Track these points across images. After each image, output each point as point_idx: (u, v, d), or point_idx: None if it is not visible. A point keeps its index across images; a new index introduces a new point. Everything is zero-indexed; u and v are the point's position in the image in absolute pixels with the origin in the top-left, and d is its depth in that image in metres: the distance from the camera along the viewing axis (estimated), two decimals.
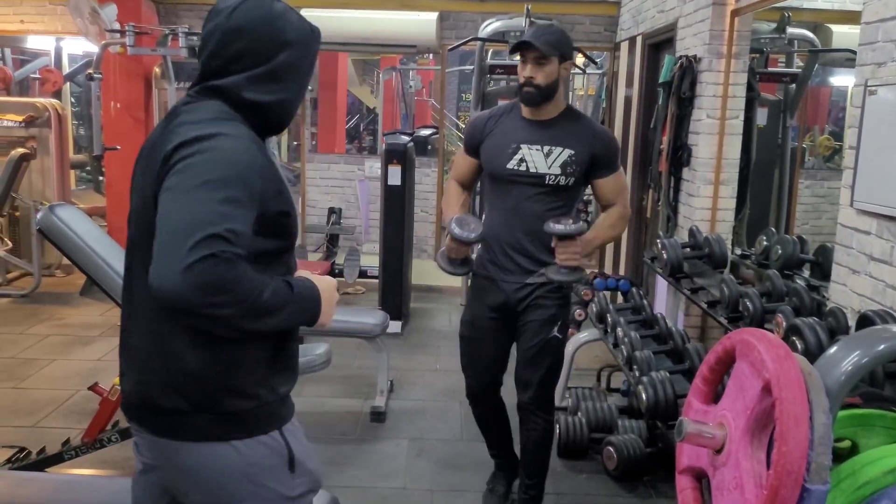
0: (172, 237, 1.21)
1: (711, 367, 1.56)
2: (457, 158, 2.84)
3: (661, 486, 3.19)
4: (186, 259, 1.18)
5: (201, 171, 1.26)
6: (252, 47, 1.41)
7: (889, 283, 2.26)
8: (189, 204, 1.23)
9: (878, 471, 1.31)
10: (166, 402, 1.38)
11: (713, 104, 3.85)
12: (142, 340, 1.42)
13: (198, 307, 1.21)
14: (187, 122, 1.36)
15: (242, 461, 1.39)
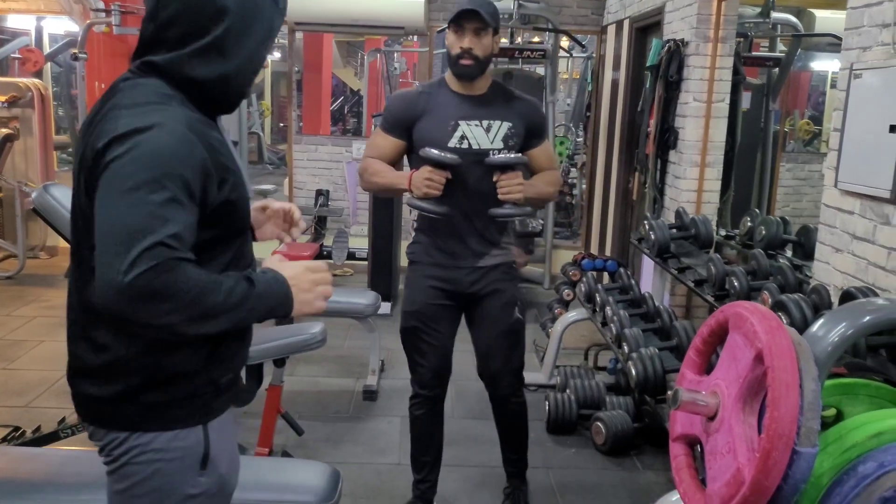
0: (111, 248, 1.17)
1: (705, 340, 1.62)
2: (376, 141, 2.56)
3: (647, 460, 3.28)
4: (127, 274, 1.15)
5: (135, 171, 1.20)
6: (186, 13, 1.31)
7: (871, 261, 2.34)
8: (126, 210, 1.18)
9: (863, 435, 1.38)
10: (91, 389, 1.36)
11: (700, 87, 3.92)
12: (76, 326, 1.39)
13: (142, 319, 1.19)
14: (123, 107, 1.28)
15: (156, 452, 1.35)
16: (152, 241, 1.16)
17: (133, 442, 1.34)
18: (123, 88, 1.32)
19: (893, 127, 2.20)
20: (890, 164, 2.21)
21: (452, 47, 2.44)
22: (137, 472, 1.35)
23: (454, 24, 2.43)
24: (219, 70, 1.35)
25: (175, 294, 1.18)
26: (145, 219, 1.18)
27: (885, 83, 2.26)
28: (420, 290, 2.61)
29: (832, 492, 1.36)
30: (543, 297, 5.65)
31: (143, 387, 1.34)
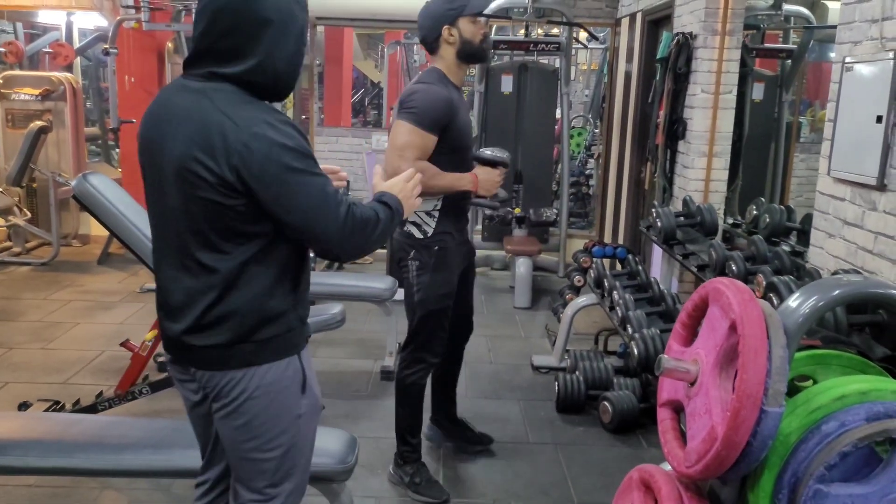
0: (317, 212, 1.57)
1: (689, 314, 1.76)
2: (420, 142, 2.58)
3: (653, 438, 3.42)
4: (337, 220, 1.58)
5: (289, 158, 1.53)
6: (237, 25, 1.53)
7: (861, 246, 2.47)
8: (304, 186, 1.55)
9: (828, 398, 1.52)
10: (210, 339, 1.61)
11: (708, 79, 4.03)
12: (176, 297, 1.64)
13: (363, 244, 1.66)
14: (227, 111, 1.52)
15: (269, 381, 1.64)
16: (337, 197, 1.60)
17: (250, 378, 1.63)
18: (209, 94, 1.55)
19: (880, 118, 2.32)
20: (877, 153, 2.33)
21: (474, 34, 2.65)
22: (257, 404, 1.64)
23: (477, 14, 2.65)
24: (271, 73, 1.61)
25: (366, 220, 1.65)
26: (319, 187, 1.58)
27: (874, 76, 2.38)
28: (453, 271, 2.84)
29: (799, 448, 1.50)
30: (557, 284, 5.79)
31: (255, 328, 1.62)
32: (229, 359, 1.63)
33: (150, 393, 3.27)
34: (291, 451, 1.72)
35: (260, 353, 1.63)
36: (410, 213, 1.86)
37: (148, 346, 3.24)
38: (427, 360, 2.87)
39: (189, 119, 1.55)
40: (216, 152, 1.51)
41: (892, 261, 2.28)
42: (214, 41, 1.56)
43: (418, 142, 2.58)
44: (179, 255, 1.62)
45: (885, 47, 2.32)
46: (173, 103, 1.60)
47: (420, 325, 2.82)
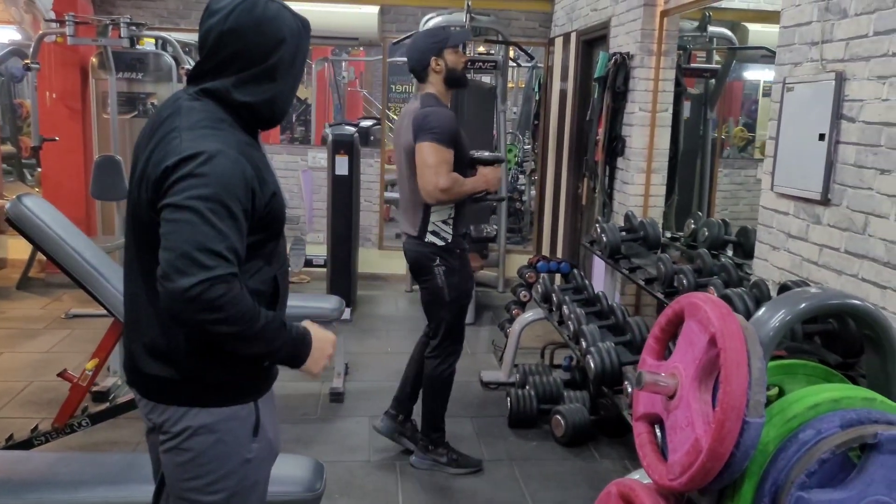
0: (175, 257, 1.36)
1: (662, 328, 1.80)
2: (445, 157, 2.89)
3: (604, 449, 3.47)
4: (184, 279, 1.34)
5: (200, 191, 1.38)
6: (247, 49, 1.49)
7: (805, 258, 2.58)
8: (191, 224, 1.37)
9: (802, 406, 1.57)
10: (155, 369, 1.53)
11: (645, 98, 4.15)
12: (136, 313, 1.57)
13: (198, 323, 1.38)
14: (183, 129, 1.46)
15: (217, 419, 1.53)
16: (213, 250, 1.36)
17: (195, 416, 1.52)
18: (181, 112, 1.49)
19: (822, 136, 2.44)
20: (820, 169, 2.44)
21: (457, 63, 3.02)
22: (201, 444, 1.52)
23: (459, 46, 3.05)
24: (269, 93, 1.54)
25: (231, 307, 1.38)
26: (208, 233, 1.37)
27: (815, 96, 2.49)
28: (465, 273, 3.16)
29: (778, 457, 1.54)
30: (498, 300, 5.83)
31: (209, 368, 1.52)
32: (174, 395, 1.53)
33: (90, 425, 3.11)
34: (235, 497, 1.58)
35: (209, 396, 1.53)
36: (307, 370, 1.60)
37: (88, 375, 3.09)
38: (458, 350, 3.22)
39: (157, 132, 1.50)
40: (152, 169, 1.45)
41: (837, 271, 2.39)
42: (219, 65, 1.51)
43: (447, 157, 2.90)
44: (139, 276, 1.56)
45: (825, 68, 2.44)
46: (157, 118, 1.55)
47: (452, 321, 3.12)
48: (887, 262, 2.17)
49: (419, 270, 3.12)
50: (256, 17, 1.49)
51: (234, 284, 1.39)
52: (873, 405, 1.59)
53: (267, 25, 1.50)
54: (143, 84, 6.17)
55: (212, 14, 1.51)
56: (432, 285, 3.08)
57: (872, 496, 1.47)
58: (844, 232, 2.36)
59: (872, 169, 2.23)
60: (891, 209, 2.15)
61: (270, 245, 1.59)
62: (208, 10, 1.52)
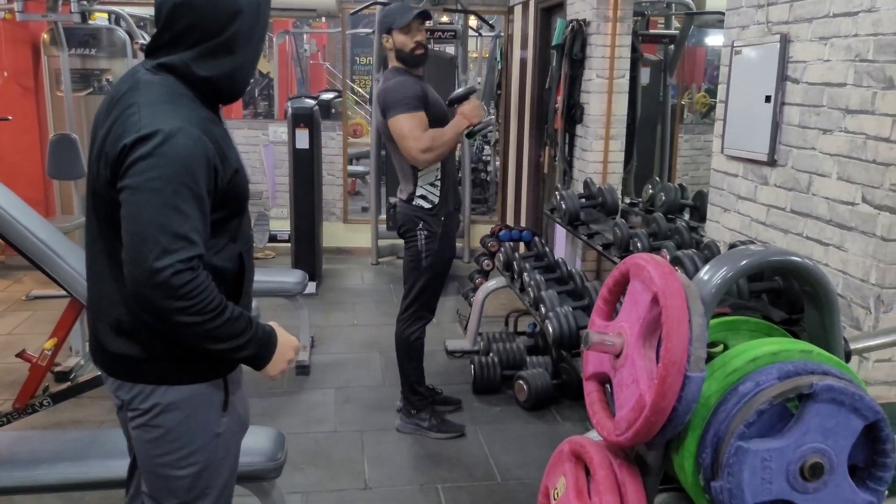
0: (140, 240, 1.34)
1: (610, 289, 1.84)
2: (418, 121, 2.96)
3: (566, 412, 3.54)
4: (155, 263, 1.32)
5: (161, 172, 1.35)
6: (202, 21, 1.44)
7: (754, 218, 2.63)
8: (153, 207, 1.34)
9: (743, 360, 1.62)
10: (121, 348, 1.52)
11: (602, 65, 4.18)
12: (100, 291, 1.56)
13: (163, 310, 1.35)
14: (142, 105, 1.42)
15: (185, 396, 1.53)
16: (177, 233, 1.34)
17: (163, 394, 1.51)
18: (142, 86, 1.45)
19: (769, 97, 2.48)
20: (766, 131, 2.49)
21: (410, 42, 3.04)
22: (171, 420, 1.52)
23: (407, 25, 3.02)
24: (228, 66, 1.50)
25: (197, 294, 1.36)
26: (171, 215, 1.34)
27: (761, 58, 2.54)
28: (448, 239, 3.22)
29: (718, 409, 1.60)
30: (463, 270, 5.87)
31: (176, 347, 1.47)
32: (142, 373, 1.52)
33: (52, 405, 3.10)
34: (207, 471, 1.59)
35: (177, 374, 1.52)
36: (267, 373, 1.59)
37: (47, 355, 3.07)
38: (427, 317, 3.27)
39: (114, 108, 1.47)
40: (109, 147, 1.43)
41: (783, 230, 2.45)
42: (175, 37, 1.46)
43: (418, 121, 2.95)
44: (102, 254, 1.54)
45: (770, 31, 2.48)
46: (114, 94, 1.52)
47: (424, 286, 3.18)
48: (829, 219, 2.23)
49: (404, 233, 3.20)
50: None
51: (201, 271, 1.38)
52: (810, 357, 1.64)
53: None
54: (97, 60, 6.04)
55: None
56: (413, 249, 3.16)
57: (809, 444, 1.53)
58: (790, 192, 2.42)
59: (815, 129, 2.29)
60: (833, 168, 2.21)
61: (234, 221, 1.57)
62: None
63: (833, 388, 1.51)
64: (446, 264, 3.27)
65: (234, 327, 1.43)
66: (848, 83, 2.14)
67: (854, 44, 2.12)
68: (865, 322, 2.09)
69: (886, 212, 2.02)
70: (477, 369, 3.71)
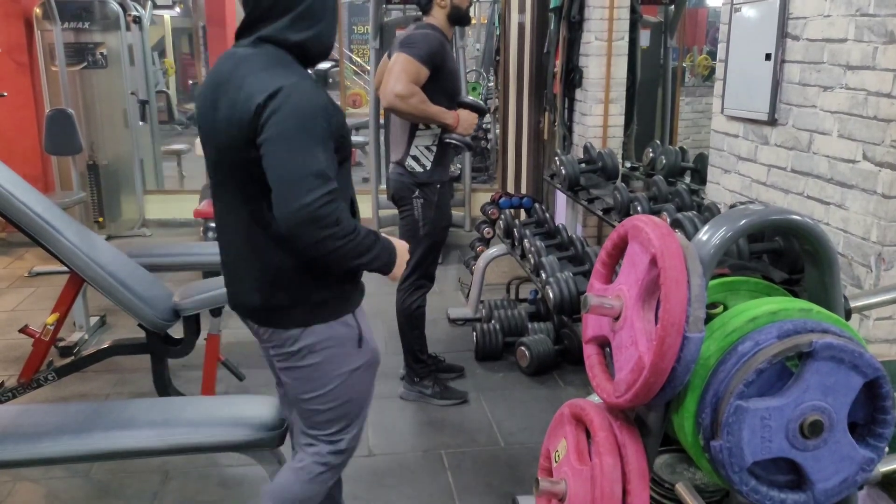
0: (288, 183, 1.56)
1: (609, 252, 1.83)
2: (413, 69, 2.89)
3: (568, 377, 3.56)
4: (303, 199, 1.54)
5: (295, 121, 1.58)
6: None
7: (754, 179, 2.61)
8: (293, 151, 1.57)
9: (742, 320, 1.62)
10: (267, 300, 1.75)
11: (601, 27, 4.12)
12: (243, 256, 1.77)
13: (316, 240, 1.58)
14: (260, 69, 1.63)
15: (326, 337, 1.78)
16: (317, 171, 1.57)
17: (309, 335, 1.76)
18: (248, 58, 1.67)
19: (769, 55, 2.45)
20: (766, 90, 2.46)
21: (461, 3, 3.05)
22: (314, 358, 1.78)
23: None
24: (316, 29, 1.71)
25: (338, 222, 1.59)
26: (309, 157, 1.57)
27: (761, 16, 2.49)
28: (446, 206, 3.24)
29: (718, 369, 1.59)
30: (465, 238, 5.86)
31: (313, 290, 1.75)
32: (290, 319, 1.75)
33: (56, 379, 3.11)
34: (349, 403, 1.86)
35: (316, 314, 1.76)
36: (393, 276, 1.83)
37: (50, 330, 3.08)
38: (427, 285, 3.27)
39: (231, 80, 1.66)
40: (241, 110, 1.61)
41: (784, 191, 2.43)
42: (265, 9, 1.67)
43: (413, 70, 2.88)
44: (236, 220, 1.74)
45: None
46: (221, 69, 1.72)
47: (423, 255, 3.17)
48: (830, 178, 2.21)
49: (399, 200, 3.18)
50: None
51: (339, 201, 1.60)
52: (809, 315, 1.63)
53: None
54: (91, 34, 5.98)
55: None
56: (409, 217, 3.16)
57: (809, 401, 1.53)
58: (790, 151, 2.39)
59: (816, 87, 2.25)
60: (833, 126, 2.18)
61: (345, 165, 1.79)
62: None
63: (832, 345, 1.50)
64: (443, 231, 3.27)
65: (367, 242, 1.68)
66: (849, 38, 2.11)
67: None
68: (866, 280, 2.08)
69: (887, 168, 2.00)
70: (479, 337, 3.72)
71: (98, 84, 6.08)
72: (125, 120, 6.19)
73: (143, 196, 6.45)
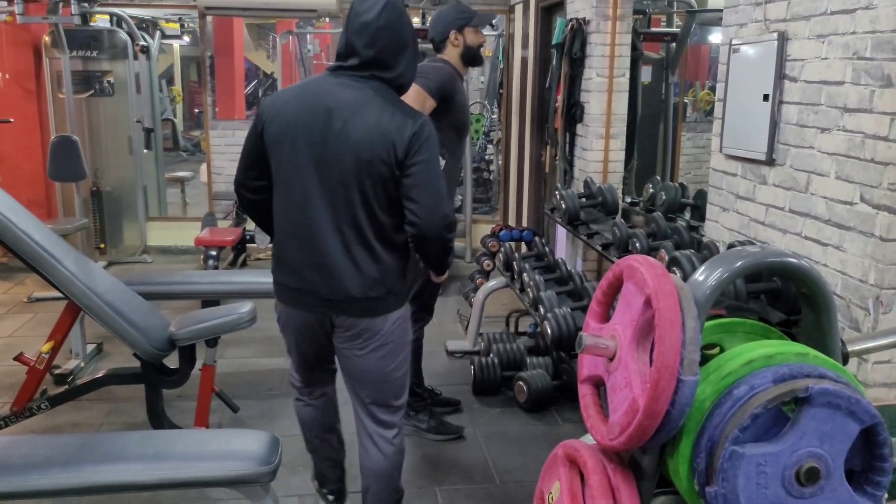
0: (438, 197, 2.06)
1: (604, 291, 1.82)
2: (423, 99, 2.86)
3: (567, 413, 3.52)
4: (447, 211, 2.10)
5: (435, 148, 2.08)
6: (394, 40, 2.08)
7: (752, 218, 2.61)
8: (437, 173, 2.08)
9: (737, 363, 1.60)
10: (370, 293, 2.15)
11: (602, 63, 4.15)
12: (341, 254, 2.12)
13: (447, 240, 2.15)
14: (396, 102, 2.11)
15: (401, 318, 2.26)
16: (446, 193, 2.12)
17: (390, 320, 2.21)
18: (377, 90, 2.09)
19: (767, 96, 2.46)
20: (765, 130, 2.46)
21: (475, 42, 3.13)
22: (394, 334, 2.24)
23: (479, 26, 3.15)
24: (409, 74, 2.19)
25: (455, 228, 2.17)
26: (442, 178, 2.10)
27: (759, 57, 2.51)
28: None
29: (713, 413, 1.57)
30: (465, 270, 5.85)
31: (396, 283, 2.20)
32: (384, 306, 2.18)
33: (50, 408, 3.09)
34: (406, 364, 2.33)
35: (400, 299, 2.24)
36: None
37: (45, 358, 3.06)
38: (425, 318, 3.29)
39: (364, 108, 2.06)
40: (394, 136, 2.02)
41: (782, 230, 2.43)
42: (378, 54, 2.07)
43: (419, 99, 2.88)
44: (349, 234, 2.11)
45: (768, 28, 2.46)
46: (337, 95, 2.08)
47: (422, 287, 3.17)
48: (828, 219, 2.20)
49: None
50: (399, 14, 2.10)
51: None
52: (806, 360, 1.62)
53: (403, 20, 2.12)
54: (99, 62, 6.05)
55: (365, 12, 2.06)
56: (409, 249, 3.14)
57: (805, 448, 1.50)
58: (788, 191, 2.39)
59: (814, 128, 2.26)
60: (831, 167, 2.18)
61: None
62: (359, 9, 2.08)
63: (829, 391, 1.48)
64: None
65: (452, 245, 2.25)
66: (846, 81, 2.11)
67: (852, 41, 2.09)
68: (864, 323, 2.06)
69: (885, 211, 1.99)
70: (477, 370, 3.69)
71: (104, 111, 6.13)
72: (130, 147, 6.23)
73: (145, 223, 6.46)
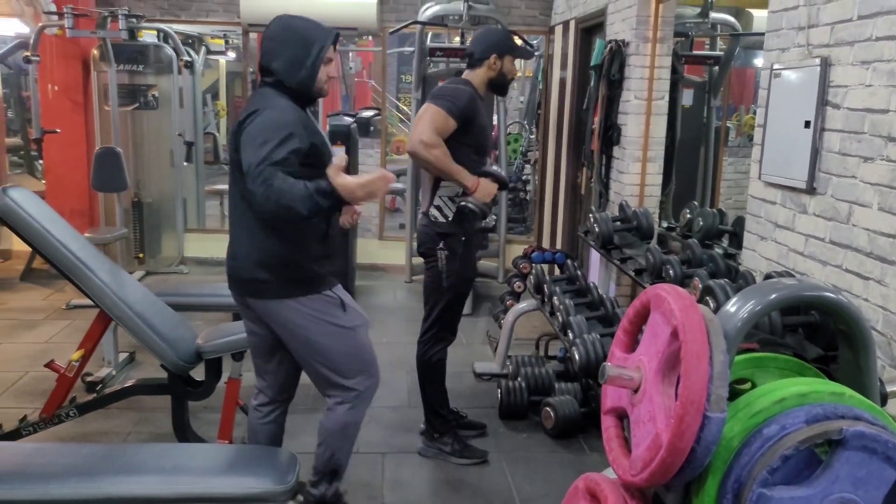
0: (253, 167, 2.08)
1: (630, 320, 1.76)
2: (440, 120, 2.89)
3: (594, 442, 3.44)
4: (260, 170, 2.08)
5: (259, 127, 2.15)
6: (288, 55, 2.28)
7: (791, 248, 2.53)
8: (257, 146, 2.11)
9: (768, 401, 1.53)
10: (256, 275, 2.28)
11: (640, 86, 4.09)
12: (238, 236, 2.33)
13: (272, 199, 2.06)
14: (254, 100, 2.29)
15: (306, 310, 2.30)
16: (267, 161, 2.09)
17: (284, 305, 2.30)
18: (257, 94, 2.32)
19: (808, 123, 2.38)
20: (805, 157, 2.39)
21: (511, 72, 3.17)
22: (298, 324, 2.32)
23: (518, 57, 3.18)
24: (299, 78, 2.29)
25: (282, 185, 2.06)
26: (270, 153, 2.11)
27: (801, 82, 2.44)
28: (470, 258, 3.22)
29: (741, 452, 1.51)
30: (497, 290, 5.80)
31: (284, 270, 2.28)
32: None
33: (78, 415, 3.12)
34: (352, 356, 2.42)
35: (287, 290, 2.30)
36: (356, 202, 2.30)
37: (75, 366, 3.09)
38: (448, 338, 3.24)
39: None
40: None
41: (822, 262, 2.34)
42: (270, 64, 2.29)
43: (440, 120, 2.92)
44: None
45: (811, 53, 2.39)
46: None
47: (446, 307, 3.15)
48: (870, 252, 2.12)
49: (425, 252, 3.18)
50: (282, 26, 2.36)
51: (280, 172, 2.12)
52: (842, 400, 1.54)
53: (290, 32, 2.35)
54: (145, 76, 6.17)
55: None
56: (433, 269, 3.13)
57: (837, 493, 1.43)
58: (829, 222, 2.31)
59: (856, 157, 2.18)
60: (874, 198, 2.10)
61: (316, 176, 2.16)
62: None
63: (864, 434, 1.41)
64: (467, 285, 3.25)
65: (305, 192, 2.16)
66: (891, 109, 2.04)
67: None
68: None
69: None
70: (504, 394, 3.63)
71: (148, 124, 6.26)
72: (171, 160, 6.33)
73: (183, 234, 6.55)
